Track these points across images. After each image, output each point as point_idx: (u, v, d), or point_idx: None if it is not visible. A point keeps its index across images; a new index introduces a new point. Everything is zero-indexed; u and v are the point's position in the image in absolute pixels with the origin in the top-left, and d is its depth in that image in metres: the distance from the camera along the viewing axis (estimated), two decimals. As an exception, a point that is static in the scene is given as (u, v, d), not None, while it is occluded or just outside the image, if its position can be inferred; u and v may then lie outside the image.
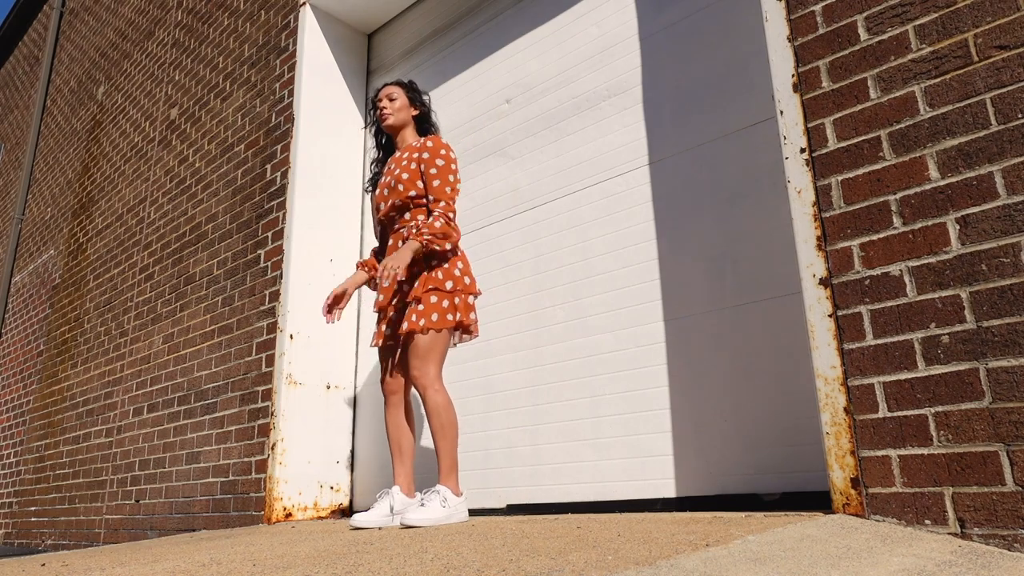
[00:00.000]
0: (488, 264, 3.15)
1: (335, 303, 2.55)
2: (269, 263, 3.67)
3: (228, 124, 4.40)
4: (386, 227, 2.65)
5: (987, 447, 1.48)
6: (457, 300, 2.42)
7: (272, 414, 3.32)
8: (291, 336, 3.40)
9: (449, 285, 2.43)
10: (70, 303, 5.79)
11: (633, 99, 2.76)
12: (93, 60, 6.84)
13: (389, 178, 2.59)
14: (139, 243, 5.01)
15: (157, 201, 4.94)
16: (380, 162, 2.79)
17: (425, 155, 2.52)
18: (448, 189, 2.48)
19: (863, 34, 1.83)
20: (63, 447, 5.17)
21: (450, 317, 2.41)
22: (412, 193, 2.52)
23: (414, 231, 2.46)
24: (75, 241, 6.05)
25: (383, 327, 2.53)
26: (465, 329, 2.50)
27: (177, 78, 5.17)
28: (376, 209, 2.66)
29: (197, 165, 4.59)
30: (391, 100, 2.70)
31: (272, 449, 3.25)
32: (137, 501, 4.17)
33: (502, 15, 3.42)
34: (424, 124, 2.73)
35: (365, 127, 2.91)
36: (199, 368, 3.96)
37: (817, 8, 1.93)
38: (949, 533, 1.49)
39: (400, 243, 2.53)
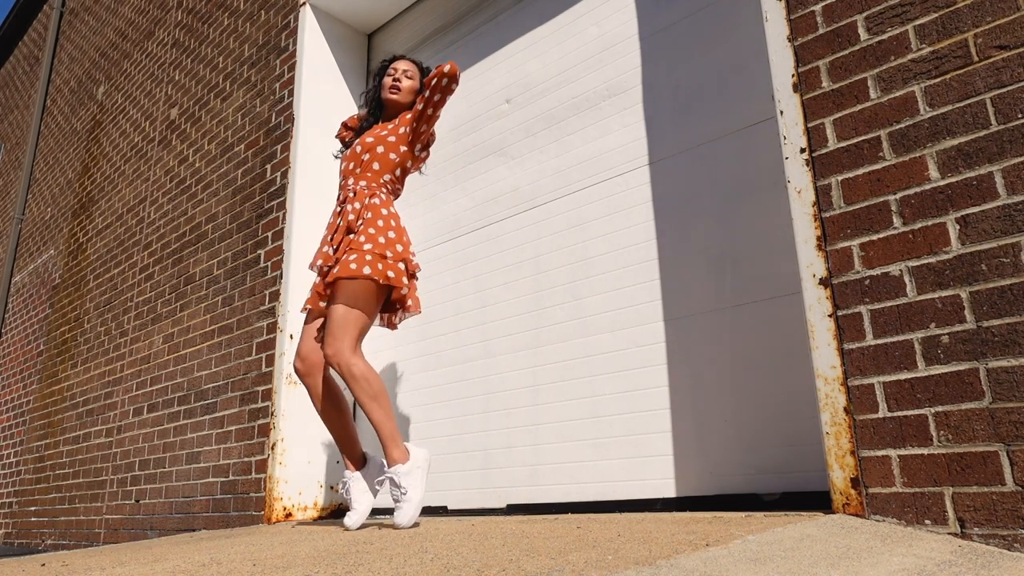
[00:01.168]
0: (488, 264, 3.15)
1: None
2: (269, 263, 3.67)
3: (228, 124, 4.40)
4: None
5: (987, 447, 1.48)
6: (381, 266, 2.28)
7: (272, 414, 3.32)
8: (291, 336, 3.40)
9: (368, 247, 2.29)
10: (70, 303, 5.79)
11: (633, 99, 2.76)
12: (93, 60, 6.84)
13: (360, 147, 2.51)
14: (139, 243, 5.01)
15: (157, 201, 4.94)
16: (365, 120, 2.68)
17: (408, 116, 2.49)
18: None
19: (863, 34, 1.83)
20: (63, 447, 5.17)
21: (391, 275, 2.27)
22: (377, 165, 2.45)
23: (350, 195, 2.40)
24: (75, 241, 6.05)
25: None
26: (390, 307, 2.39)
27: (177, 78, 5.17)
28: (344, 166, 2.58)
29: (197, 165, 4.59)
30: (408, 77, 2.61)
31: (272, 449, 3.25)
32: (137, 501, 4.17)
33: (502, 15, 3.42)
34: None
35: (363, 94, 2.81)
36: (199, 368, 3.96)
37: (817, 8, 1.93)
38: (949, 533, 1.49)
39: (337, 208, 2.44)
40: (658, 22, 2.74)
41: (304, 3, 3.97)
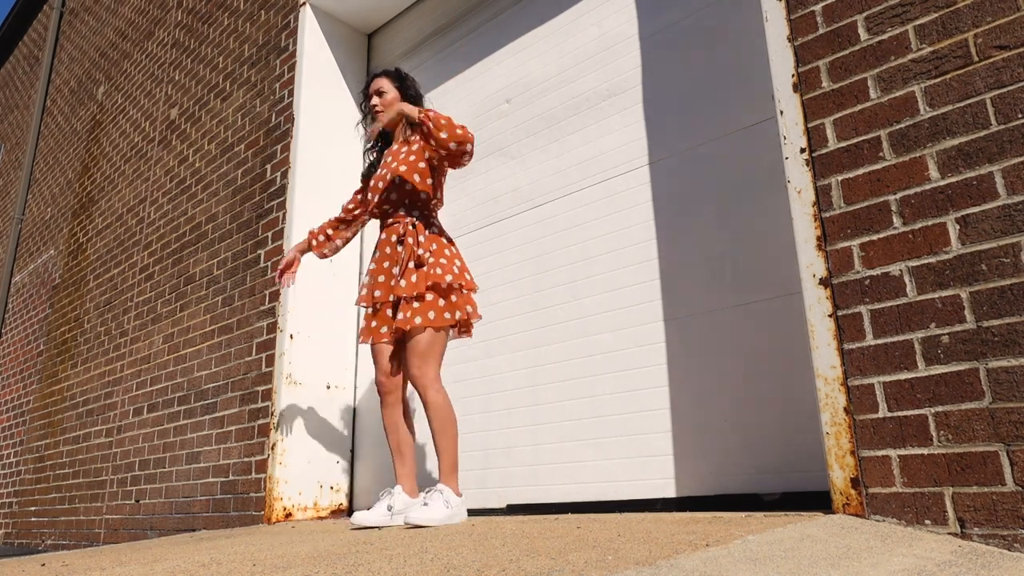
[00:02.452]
0: (488, 264, 3.15)
1: (286, 268, 2.74)
2: (269, 263, 3.67)
3: (228, 124, 4.40)
4: (379, 220, 2.60)
5: (987, 447, 1.48)
6: (455, 298, 2.39)
7: (272, 414, 3.32)
8: (291, 336, 3.40)
9: (448, 279, 2.38)
10: (70, 303, 5.79)
11: (633, 99, 2.76)
12: (93, 60, 6.84)
13: (385, 170, 2.55)
14: (139, 243, 5.01)
15: (157, 201, 4.94)
16: (376, 151, 2.74)
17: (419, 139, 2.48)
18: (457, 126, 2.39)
19: (863, 34, 1.83)
20: (63, 447, 5.17)
21: (447, 316, 2.37)
22: (408, 186, 2.49)
23: (410, 227, 2.43)
24: (75, 241, 6.05)
25: (373, 323, 2.47)
26: (462, 326, 2.47)
27: (177, 78, 5.17)
28: (365, 200, 2.63)
29: (197, 165, 4.60)
30: (381, 95, 2.65)
31: (272, 449, 3.25)
32: (137, 501, 4.17)
33: (502, 15, 3.42)
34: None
35: (358, 124, 2.86)
36: (199, 368, 3.96)
37: (817, 8, 1.93)
38: (949, 533, 1.49)
39: (393, 237, 2.48)
40: (658, 22, 2.74)
41: (304, 3, 3.97)
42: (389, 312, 2.45)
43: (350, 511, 3.41)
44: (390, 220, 2.53)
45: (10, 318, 7.01)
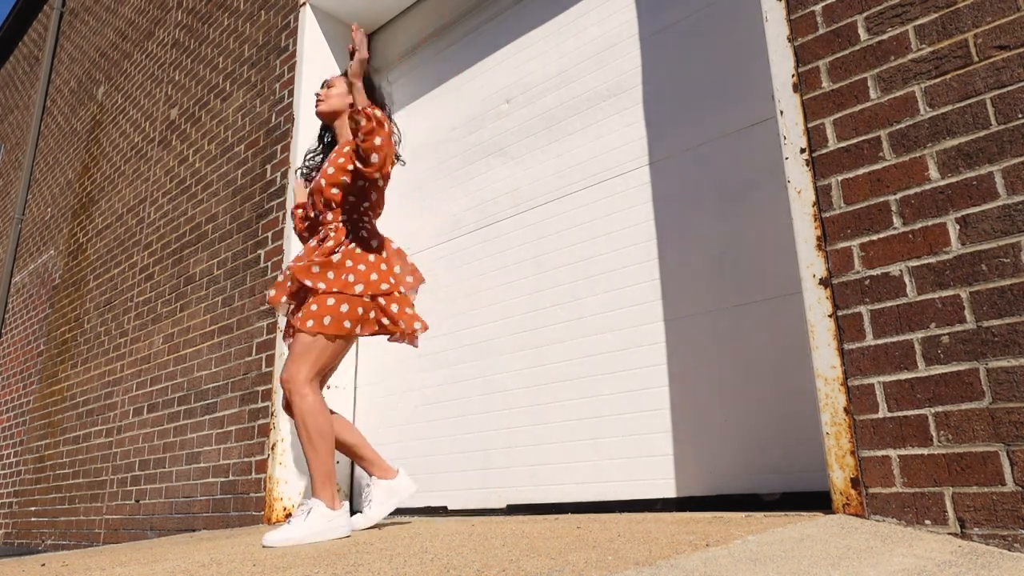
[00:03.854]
0: (488, 264, 3.15)
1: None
2: (269, 263, 3.67)
3: (228, 124, 4.40)
4: (315, 222, 2.48)
5: (987, 447, 1.48)
6: (360, 309, 2.23)
7: (272, 414, 3.32)
8: (291, 336, 3.40)
9: (359, 289, 2.22)
10: (70, 303, 5.79)
11: (633, 99, 2.76)
12: (93, 60, 6.84)
13: (323, 178, 2.41)
14: (139, 243, 5.01)
15: (157, 201, 4.94)
16: (318, 155, 2.63)
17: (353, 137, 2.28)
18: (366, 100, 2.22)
19: (863, 34, 1.83)
20: (63, 447, 5.17)
21: (347, 324, 2.19)
22: (335, 191, 2.35)
23: (330, 231, 2.31)
24: (75, 241, 6.05)
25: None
26: (387, 331, 2.31)
27: (177, 78, 5.17)
28: (310, 203, 2.49)
29: (197, 165, 4.60)
30: (328, 87, 2.54)
31: (272, 449, 3.25)
32: (137, 501, 4.17)
33: (502, 15, 3.42)
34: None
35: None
36: (199, 368, 3.96)
37: (817, 8, 1.93)
38: (949, 533, 1.49)
39: (313, 242, 2.35)
40: (658, 22, 2.74)
41: (304, 3, 3.97)
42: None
43: (350, 511, 3.40)
44: (319, 228, 2.41)
45: (10, 318, 7.01)
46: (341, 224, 2.36)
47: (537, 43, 3.21)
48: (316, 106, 2.54)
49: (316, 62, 3.90)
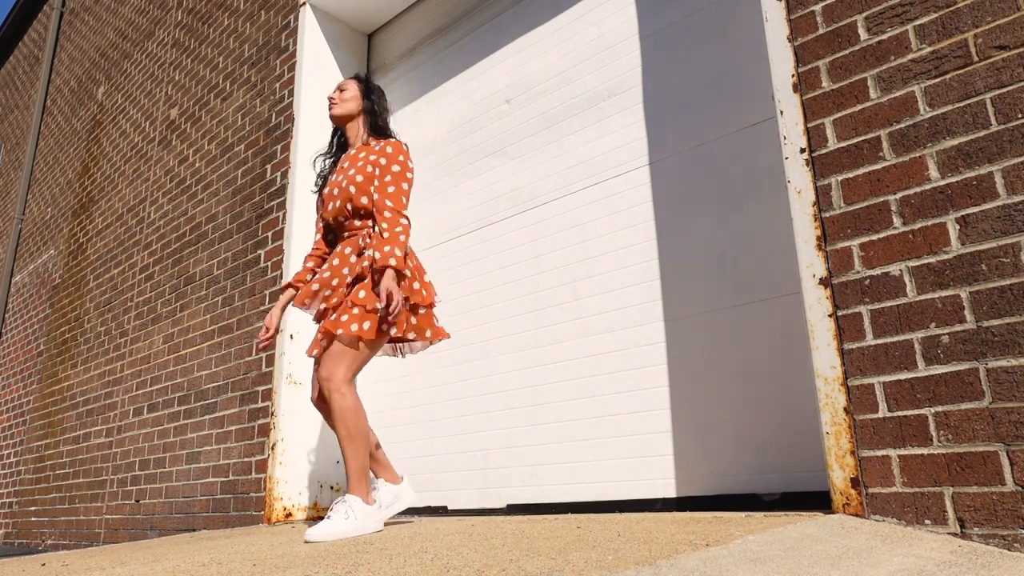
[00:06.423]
0: (488, 264, 3.15)
1: (265, 335, 2.43)
2: (269, 263, 3.67)
3: (228, 124, 4.40)
4: (334, 229, 2.50)
5: (987, 447, 1.48)
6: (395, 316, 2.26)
7: (272, 414, 3.32)
8: (291, 336, 3.40)
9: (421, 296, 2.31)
10: (70, 303, 5.79)
11: (633, 99, 2.76)
12: (93, 60, 6.84)
13: (341, 177, 2.43)
14: (139, 243, 5.01)
15: (157, 201, 4.94)
16: (330, 157, 2.64)
17: (383, 160, 2.37)
18: (403, 199, 2.33)
19: (863, 34, 1.83)
20: (63, 447, 5.17)
21: (383, 328, 2.25)
22: (364, 200, 2.37)
23: (368, 239, 2.34)
24: (75, 241, 6.05)
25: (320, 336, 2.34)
26: (401, 340, 2.38)
27: (177, 78, 5.17)
28: (323, 207, 2.50)
29: (197, 165, 4.60)
30: (341, 91, 2.57)
31: (272, 449, 3.25)
32: (137, 501, 4.17)
33: (502, 15, 3.42)
34: (377, 124, 2.53)
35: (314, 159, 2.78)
36: (199, 368, 3.96)
37: (817, 8, 1.93)
38: (949, 533, 1.49)
39: (348, 249, 2.37)
40: (658, 22, 2.74)
41: (304, 3, 3.97)
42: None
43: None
44: (346, 233, 2.42)
45: (10, 318, 7.01)
46: (371, 230, 2.39)
47: (537, 43, 3.21)
48: (330, 109, 2.57)
49: (316, 62, 3.90)
